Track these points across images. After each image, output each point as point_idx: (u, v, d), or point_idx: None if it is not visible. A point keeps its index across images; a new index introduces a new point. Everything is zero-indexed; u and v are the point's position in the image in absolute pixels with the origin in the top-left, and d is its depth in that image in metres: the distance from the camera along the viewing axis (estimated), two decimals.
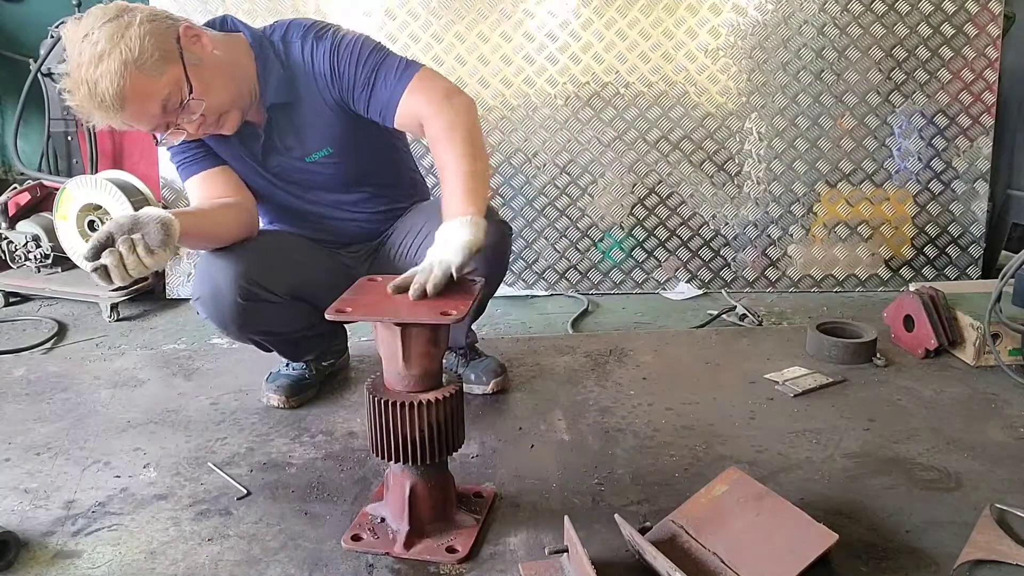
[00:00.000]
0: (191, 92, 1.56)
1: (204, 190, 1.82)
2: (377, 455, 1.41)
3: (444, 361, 1.50)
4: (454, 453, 1.45)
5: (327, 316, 1.34)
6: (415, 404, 1.37)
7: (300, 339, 2.02)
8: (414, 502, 1.44)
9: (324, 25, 1.76)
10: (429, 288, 1.36)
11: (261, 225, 1.91)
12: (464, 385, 1.97)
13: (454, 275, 1.39)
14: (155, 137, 1.64)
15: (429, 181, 2.23)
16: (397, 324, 1.33)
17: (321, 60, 1.71)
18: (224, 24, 1.77)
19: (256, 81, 1.72)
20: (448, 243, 1.43)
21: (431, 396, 1.38)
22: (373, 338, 1.42)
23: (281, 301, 1.84)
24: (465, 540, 1.45)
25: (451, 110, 1.62)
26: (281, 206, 1.94)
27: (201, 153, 1.82)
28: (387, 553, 1.43)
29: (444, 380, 1.44)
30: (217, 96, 1.63)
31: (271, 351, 2.05)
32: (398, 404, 1.37)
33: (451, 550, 1.43)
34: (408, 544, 1.43)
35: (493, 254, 1.77)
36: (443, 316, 1.30)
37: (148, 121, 1.58)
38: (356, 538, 1.47)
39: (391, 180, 2.00)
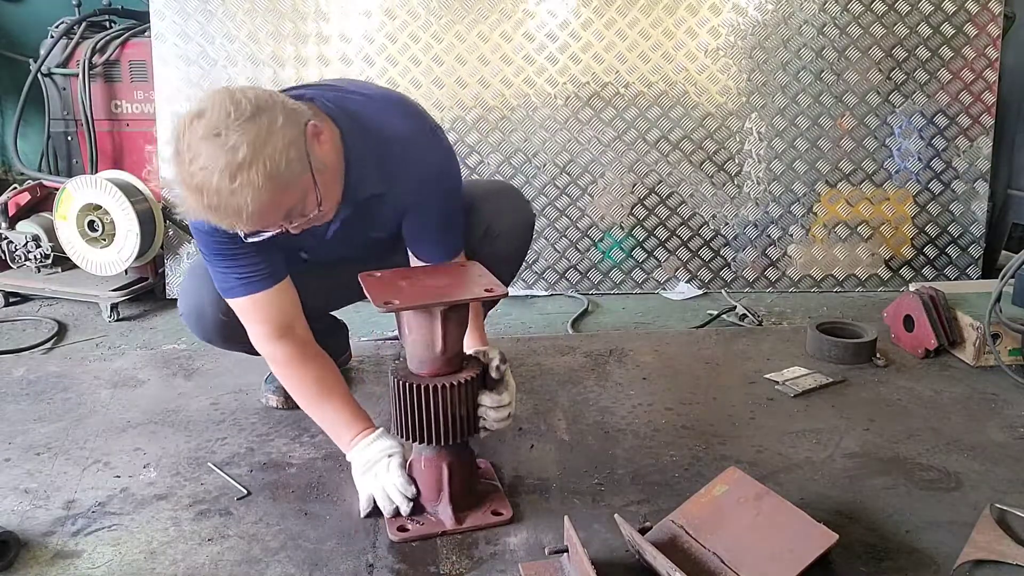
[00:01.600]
0: (319, 203, 1.39)
1: (266, 310, 1.63)
2: (412, 439, 1.48)
3: None
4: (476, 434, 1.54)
5: (379, 310, 1.36)
6: (450, 386, 1.45)
7: None
8: (452, 480, 1.51)
9: (430, 124, 1.62)
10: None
11: None
12: None
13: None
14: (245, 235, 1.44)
15: None
16: (443, 305, 1.40)
17: (425, 167, 1.58)
18: (301, 97, 1.48)
19: (345, 169, 1.50)
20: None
21: (463, 376, 1.47)
22: (398, 333, 1.49)
23: None
24: (501, 504, 1.56)
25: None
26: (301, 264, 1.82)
27: (265, 270, 1.60)
28: (443, 533, 1.50)
29: (463, 363, 1.53)
30: (333, 200, 1.47)
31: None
32: (435, 387, 1.44)
33: (497, 513, 1.54)
34: (459, 520, 1.51)
35: (521, 231, 1.93)
36: (487, 293, 1.42)
37: (262, 227, 1.38)
38: (403, 528, 1.51)
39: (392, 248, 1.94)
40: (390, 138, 1.55)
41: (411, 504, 1.53)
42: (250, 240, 1.44)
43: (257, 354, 1.97)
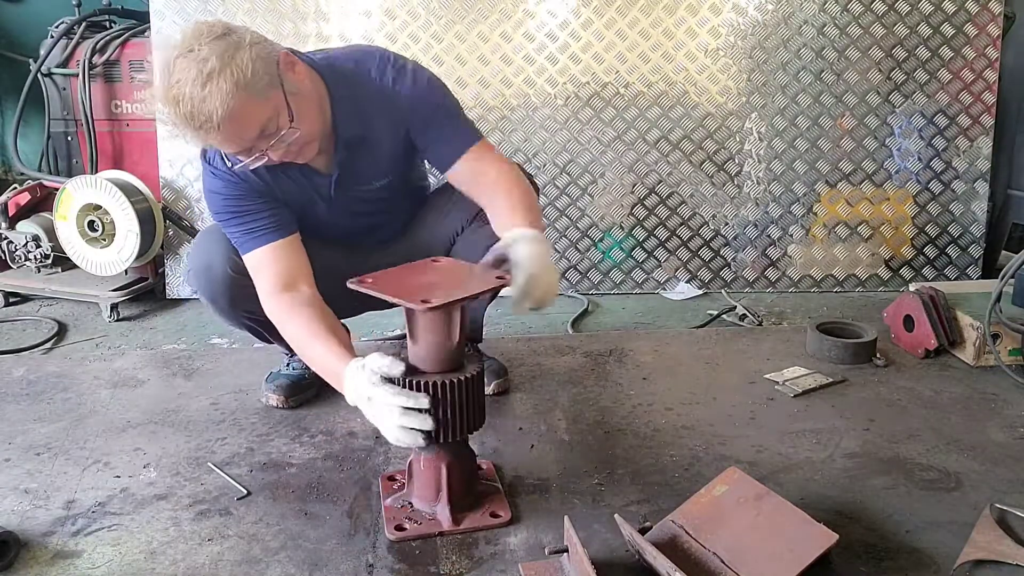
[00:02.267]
0: (291, 120, 1.52)
1: (272, 264, 1.71)
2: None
3: None
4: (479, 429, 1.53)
5: (419, 311, 1.39)
6: (457, 382, 1.43)
7: None
8: (451, 481, 1.51)
9: (398, 56, 1.74)
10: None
11: None
12: None
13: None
14: (230, 160, 1.60)
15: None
16: (472, 297, 1.42)
17: (403, 90, 1.69)
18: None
19: (331, 113, 1.67)
20: (549, 269, 1.50)
21: (466, 374, 1.45)
22: (407, 332, 1.47)
23: None
24: (500, 505, 1.56)
25: (515, 170, 1.76)
26: (315, 229, 1.87)
27: (271, 224, 1.72)
28: (440, 533, 1.49)
29: (464, 361, 1.51)
30: (309, 126, 1.59)
31: (269, 341, 2.03)
32: (442, 384, 1.42)
33: (495, 515, 1.53)
34: (456, 521, 1.51)
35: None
36: (498, 280, 1.44)
37: (239, 144, 1.52)
38: (400, 528, 1.51)
39: (418, 201, 2.03)
40: (365, 80, 1.69)
41: (426, 415, 1.41)
42: (237, 168, 1.60)
43: (265, 338, 1.98)
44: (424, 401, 1.41)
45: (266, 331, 1.95)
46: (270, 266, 1.71)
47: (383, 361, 1.43)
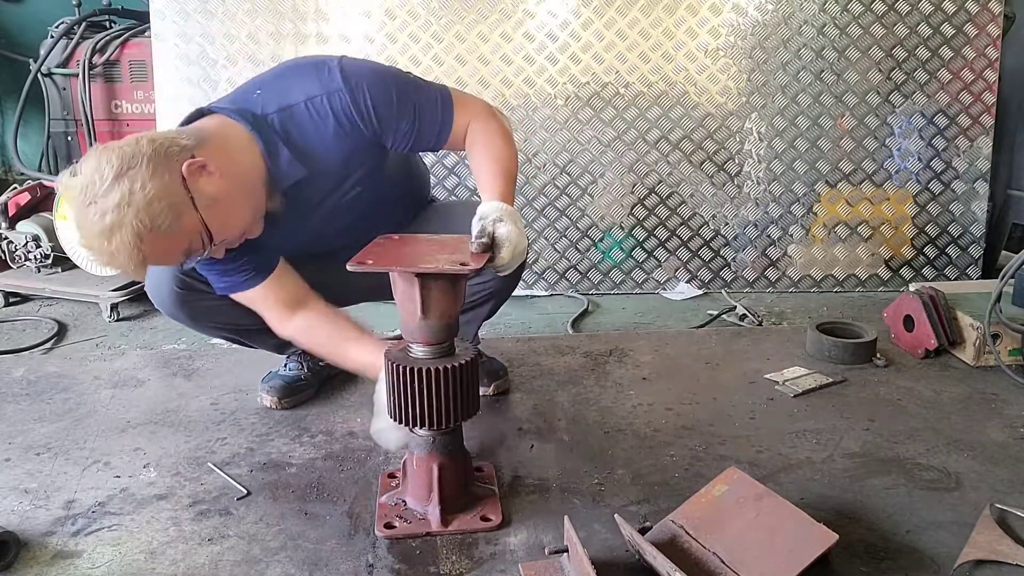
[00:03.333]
0: (211, 239, 1.46)
1: (269, 297, 1.71)
2: (403, 423, 1.47)
3: None
4: (470, 419, 1.52)
5: (348, 268, 1.37)
6: (434, 370, 1.42)
7: (267, 331, 1.83)
8: (442, 481, 1.50)
9: (326, 70, 1.57)
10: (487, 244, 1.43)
11: None
12: None
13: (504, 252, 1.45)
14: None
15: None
16: (416, 274, 1.38)
17: (345, 115, 1.56)
18: (202, 114, 1.59)
19: (265, 170, 1.55)
20: (515, 223, 1.47)
21: (450, 363, 1.44)
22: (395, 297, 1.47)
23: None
24: (493, 509, 1.54)
25: (496, 126, 1.68)
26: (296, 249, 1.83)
27: (250, 269, 1.69)
28: (428, 534, 1.49)
29: (459, 348, 1.51)
30: (237, 226, 1.52)
31: (251, 346, 2.03)
32: (426, 370, 1.42)
33: (486, 519, 1.52)
34: (445, 522, 1.50)
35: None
36: (461, 266, 1.36)
37: (170, 265, 1.57)
38: (389, 526, 1.51)
39: (406, 190, 1.96)
40: (299, 122, 1.56)
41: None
42: (186, 268, 1.59)
43: (247, 344, 2.00)
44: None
45: (242, 336, 1.96)
46: (268, 299, 1.71)
47: None
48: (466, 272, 1.38)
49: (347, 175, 1.68)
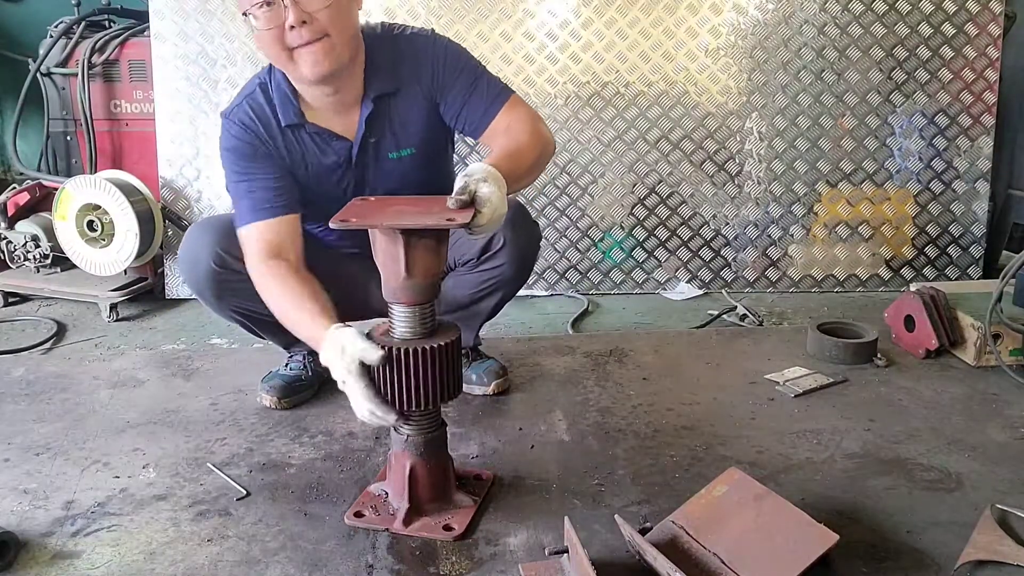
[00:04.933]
0: None
1: (264, 235, 1.71)
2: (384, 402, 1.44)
3: None
4: (450, 402, 1.50)
5: (331, 225, 1.36)
6: (414, 351, 1.39)
7: (280, 325, 1.83)
8: (414, 481, 1.50)
9: (423, 28, 1.82)
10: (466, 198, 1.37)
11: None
12: (465, 386, 2.00)
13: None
14: (249, 13, 1.59)
15: None
16: (401, 230, 1.35)
17: (431, 54, 1.75)
18: None
19: (364, 65, 1.72)
20: (499, 187, 1.40)
21: (431, 343, 1.41)
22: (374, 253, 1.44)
23: None
24: (462, 519, 1.51)
25: (539, 134, 1.68)
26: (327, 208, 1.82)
27: (273, 196, 1.73)
28: (386, 529, 1.49)
29: (442, 327, 1.48)
30: (343, 23, 1.62)
31: (261, 336, 2.04)
32: (405, 351, 1.39)
33: (447, 528, 1.49)
34: (407, 521, 1.49)
35: (522, 255, 1.92)
36: (448, 221, 1.32)
37: None
38: (359, 515, 1.52)
39: (441, 186, 1.94)
40: (400, 43, 1.76)
41: (392, 412, 1.41)
42: (257, 25, 1.58)
43: (257, 333, 2.00)
44: (391, 417, 1.42)
45: (256, 326, 1.97)
46: (262, 237, 1.70)
47: (361, 345, 1.40)
48: (452, 227, 1.34)
49: (412, 123, 1.79)
